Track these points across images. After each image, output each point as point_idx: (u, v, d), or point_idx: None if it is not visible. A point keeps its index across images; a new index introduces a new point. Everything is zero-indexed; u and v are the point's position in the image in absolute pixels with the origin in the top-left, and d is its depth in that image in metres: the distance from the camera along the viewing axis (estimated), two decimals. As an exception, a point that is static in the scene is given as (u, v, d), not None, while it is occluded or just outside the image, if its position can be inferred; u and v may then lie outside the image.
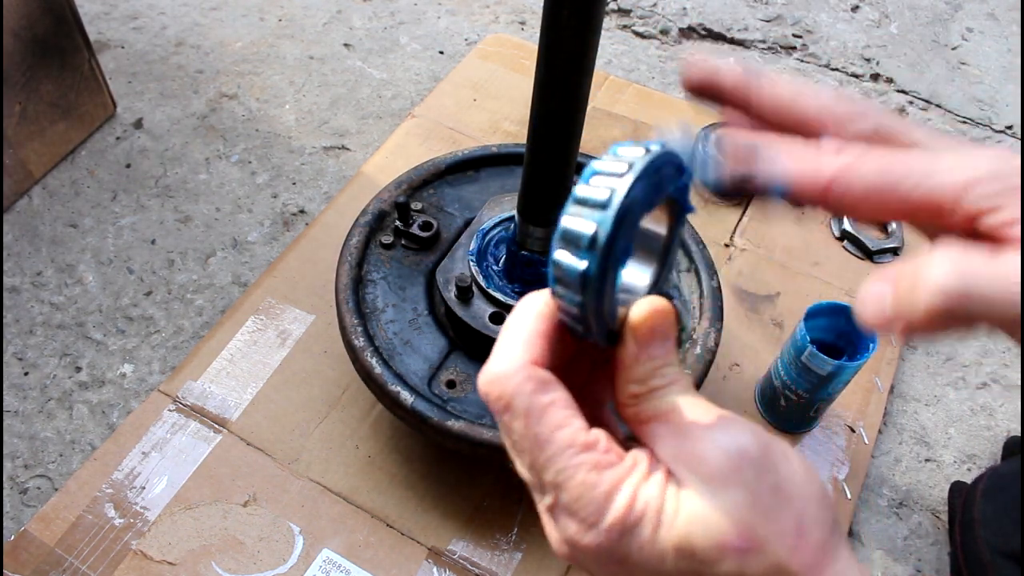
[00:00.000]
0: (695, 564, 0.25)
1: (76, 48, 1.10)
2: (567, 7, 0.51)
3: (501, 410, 0.28)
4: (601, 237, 0.25)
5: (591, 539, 0.26)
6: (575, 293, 0.26)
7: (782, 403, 0.84)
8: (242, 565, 0.74)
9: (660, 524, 0.25)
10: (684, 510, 0.25)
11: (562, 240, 0.26)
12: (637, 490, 0.26)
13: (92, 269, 1.04)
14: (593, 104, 1.17)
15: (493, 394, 0.28)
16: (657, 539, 0.25)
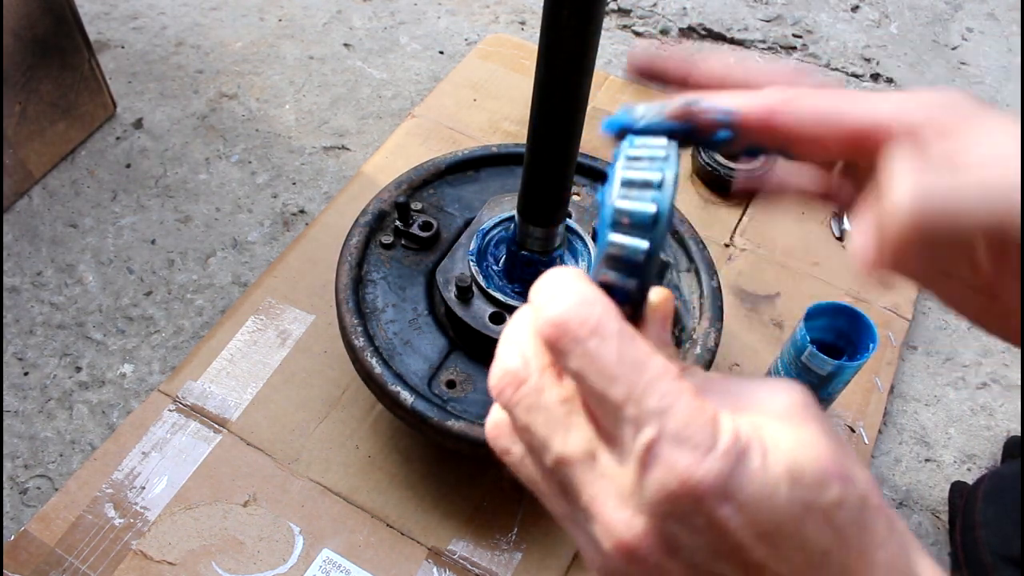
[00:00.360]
0: (806, 492, 0.24)
1: (76, 48, 1.10)
2: (567, 7, 0.51)
3: (588, 335, 0.25)
4: (663, 216, 0.26)
5: (707, 468, 0.23)
6: (632, 273, 0.27)
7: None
8: (242, 565, 0.74)
9: (767, 450, 0.24)
10: (782, 438, 0.24)
11: (618, 223, 0.27)
12: (736, 421, 0.25)
13: (92, 269, 1.04)
14: (593, 104, 1.17)
15: (577, 318, 0.25)
16: (767, 465, 0.24)
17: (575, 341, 0.25)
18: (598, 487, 0.25)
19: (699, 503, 0.23)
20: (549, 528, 0.77)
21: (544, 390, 0.26)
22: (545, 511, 0.81)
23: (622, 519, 0.25)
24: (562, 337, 0.25)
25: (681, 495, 0.23)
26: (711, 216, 1.06)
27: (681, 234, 0.84)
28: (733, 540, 0.24)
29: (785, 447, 0.24)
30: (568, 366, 0.25)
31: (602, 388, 0.25)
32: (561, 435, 0.26)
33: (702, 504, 0.23)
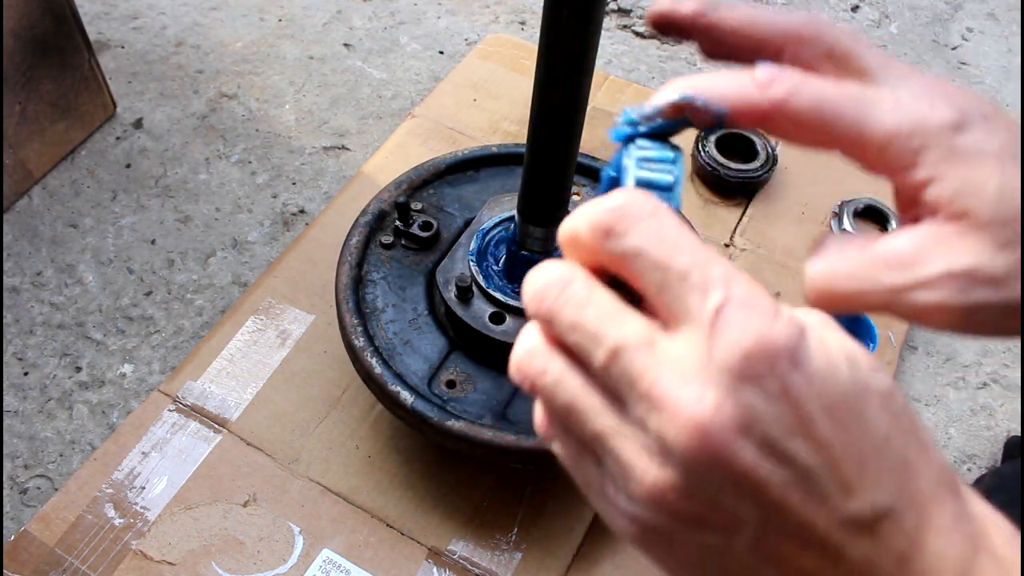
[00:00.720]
0: (862, 374, 0.24)
1: (76, 48, 1.10)
2: (567, 7, 0.51)
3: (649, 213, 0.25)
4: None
5: (779, 330, 0.23)
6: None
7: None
8: (242, 565, 0.74)
9: (822, 334, 0.24)
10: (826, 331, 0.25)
11: None
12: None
13: (92, 269, 1.04)
14: (593, 104, 1.17)
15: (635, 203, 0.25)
16: (826, 344, 0.24)
17: (636, 218, 0.25)
18: (660, 369, 0.24)
19: (773, 365, 0.23)
20: (549, 528, 0.77)
21: (594, 287, 0.26)
22: (545, 510, 0.80)
23: (691, 395, 0.23)
24: (622, 218, 0.25)
25: (756, 354, 0.23)
26: (711, 216, 1.06)
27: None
28: (804, 412, 0.23)
29: (834, 336, 0.25)
30: (628, 245, 0.25)
31: (666, 257, 0.24)
32: (616, 323, 0.25)
33: (775, 367, 0.23)
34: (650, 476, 0.24)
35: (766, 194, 1.09)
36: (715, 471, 0.23)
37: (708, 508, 0.24)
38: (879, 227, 1.07)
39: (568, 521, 0.77)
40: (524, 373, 0.27)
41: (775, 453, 0.23)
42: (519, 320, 0.71)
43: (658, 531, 0.25)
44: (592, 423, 0.26)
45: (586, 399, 0.26)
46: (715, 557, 0.25)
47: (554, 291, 0.26)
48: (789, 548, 0.24)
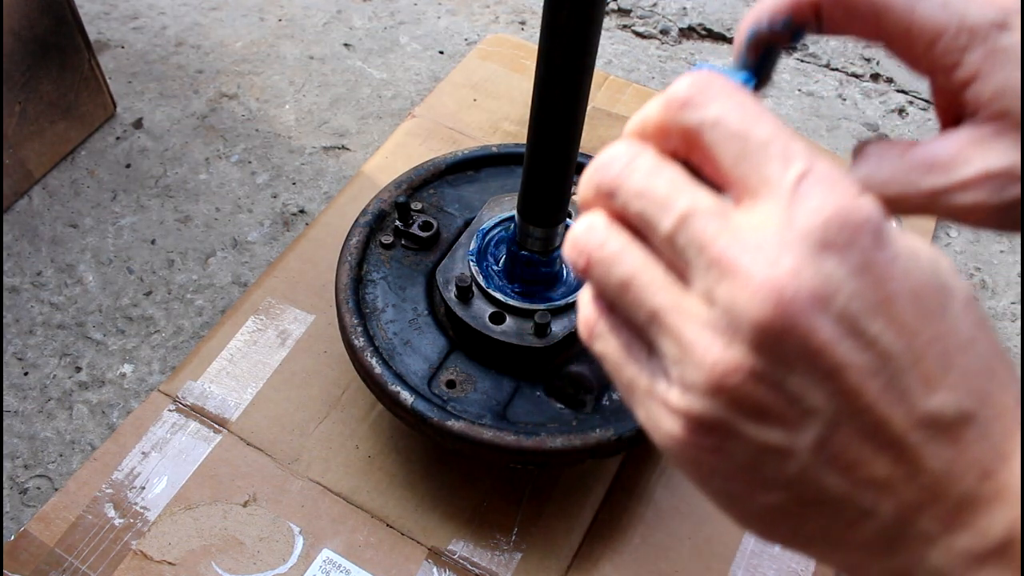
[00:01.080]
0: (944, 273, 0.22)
1: (76, 48, 1.10)
2: (567, 7, 0.51)
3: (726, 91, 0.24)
4: None
5: (864, 203, 0.21)
6: None
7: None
8: (242, 565, 0.74)
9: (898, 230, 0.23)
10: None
11: None
12: None
13: (92, 269, 1.04)
14: (593, 104, 1.17)
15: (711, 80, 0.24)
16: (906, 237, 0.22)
17: (716, 92, 0.24)
18: (733, 236, 0.22)
19: (856, 237, 0.21)
20: (549, 528, 0.77)
21: (664, 160, 0.24)
22: (545, 510, 0.80)
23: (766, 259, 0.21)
24: (700, 91, 0.24)
25: (839, 223, 0.21)
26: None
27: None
28: (888, 291, 0.21)
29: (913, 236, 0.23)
30: (706, 114, 0.23)
31: (747, 126, 0.23)
32: (688, 191, 0.23)
33: (858, 239, 0.21)
34: (712, 354, 0.22)
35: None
36: (788, 346, 0.21)
37: (774, 394, 0.22)
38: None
39: (568, 521, 0.77)
40: (580, 248, 0.25)
41: (855, 332, 0.21)
42: (519, 320, 0.71)
43: (712, 429, 0.23)
44: (651, 299, 0.24)
45: (646, 272, 0.24)
46: (773, 463, 0.23)
47: (621, 161, 0.25)
48: (861, 450, 0.22)
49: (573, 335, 0.71)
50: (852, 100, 1.37)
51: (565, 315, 0.71)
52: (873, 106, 1.36)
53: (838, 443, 0.22)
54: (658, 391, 0.24)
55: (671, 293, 0.23)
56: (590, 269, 0.25)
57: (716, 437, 0.23)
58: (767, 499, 0.24)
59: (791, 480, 0.23)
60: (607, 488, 0.79)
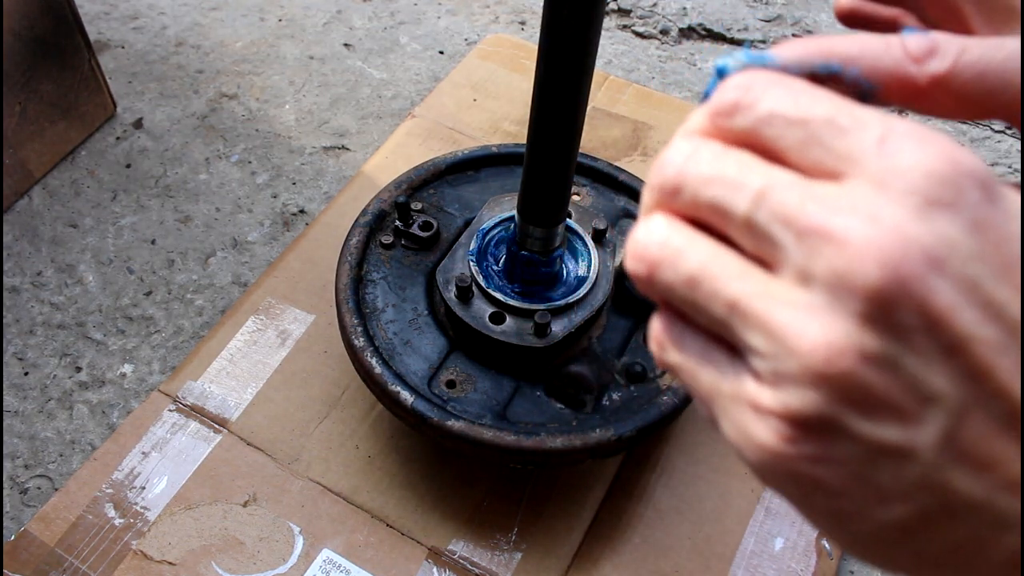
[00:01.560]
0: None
1: (76, 48, 1.10)
2: (567, 7, 0.51)
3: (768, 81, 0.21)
4: None
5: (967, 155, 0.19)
6: None
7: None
8: (242, 565, 0.74)
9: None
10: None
11: None
12: None
13: (92, 269, 1.04)
14: (593, 104, 1.17)
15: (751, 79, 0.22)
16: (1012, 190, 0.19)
17: (763, 87, 0.21)
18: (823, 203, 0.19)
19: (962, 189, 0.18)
20: (549, 528, 0.77)
21: (728, 148, 0.22)
22: (545, 510, 0.80)
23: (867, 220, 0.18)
24: (747, 91, 0.21)
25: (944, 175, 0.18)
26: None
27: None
28: (1011, 252, 0.18)
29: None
30: (759, 112, 0.21)
31: (806, 110, 0.20)
32: (762, 168, 0.21)
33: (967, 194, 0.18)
34: (811, 337, 0.19)
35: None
36: (903, 316, 0.18)
37: (889, 378, 0.18)
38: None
39: (568, 521, 0.77)
40: (640, 253, 0.22)
41: (979, 299, 0.18)
42: (519, 320, 0.71)
43: (815, 431, 0.19)
44: (728, 288, 0.20)
45: (719, 260, 0.21)
46: (891, 468, 0.19)
47: (682, 154, 0.22)
48: (997, 444, 0.18)
49: (573, 335, 0.71)
50: (852, 100, 1.37)
51: (565, 315, 0.71)
52: (873, 106, 1.36)
53: (969, 437, 0.18)
54: (745, 393, 0.21)
55: (753, 279, 0.20)
56: (654, 274, 0.22)
57: (820, 440, 0.19)
58: (884, 515, 0.20)
59: (914, 487, 0.19)
60: (607, 488, 0.79)
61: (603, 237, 0.77)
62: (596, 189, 0.88)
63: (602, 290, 0.73)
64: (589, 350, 0.74)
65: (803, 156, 0.20)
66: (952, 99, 0.23)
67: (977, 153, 1.29)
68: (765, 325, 0.19)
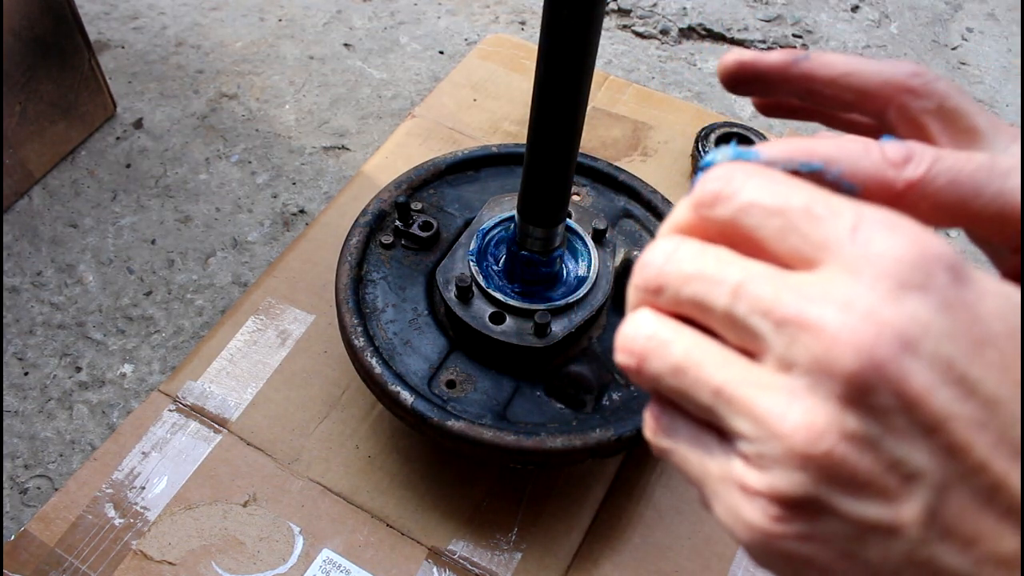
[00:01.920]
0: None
1: (76, 48, 1.10)
2: (567, 7, 0.51)
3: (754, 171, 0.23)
4: None
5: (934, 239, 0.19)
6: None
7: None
8: (242, 565, 0.74)
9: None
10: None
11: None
12: None
13: (92, 269, 1.04)
14: (593, 104, 1.17)
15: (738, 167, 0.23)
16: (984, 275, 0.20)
17: (743, 179, 0.23)
18: (799, 293, 0.20)
19: (933, 274, 0.19)
20: (549, 528, 0.77)
21: (707, 244, 0.23)
22: (545, 510, 0.80)
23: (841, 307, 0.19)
24: (727, 182, 0.23)
25: (913, 260, 0.19)
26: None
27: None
28: (983, 329, 0.19)
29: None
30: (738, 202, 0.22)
31: (783, 200, 0.21)
32: (739, 263, 0.22)
33: (936, 276, 0.19)
34: (793, 419, 0.19)
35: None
36: (881, 398, 0.19)
37: (871, 458, 0.19)
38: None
39: (568, 521, 0.77)
40: (628, 346, 0.24)
41: (953, 377, 0.19)
42: (519, 320, 0.71)
43: (802, 510, 0.20)
44: (713, 375, 0.22)
45: (703, 349, 0.22)
46: (878, 545, 0.20)
47: (663, 254, 0.23)
48: (979, 519, 0.19)
49: (573, 335, 0.71)
50: (852, 100, 1.37)
51: (565, 315, 0.71)
52: (873, 106, 1.36)
53: (951, 512, 0.19)
54: (734, 476, 0.21)
55: (736, 367, 0.21)
56: (643, 365, 0.23)
57: (807, 520, 0.20)
58: None
59: (902, 563, 0.19)
60: (607, 488, 0.79)
61: (603, 237, 0.77)
62: (596, 189, 0.88)
63: (602, 290, 0.73)
64: (589, 350, 0.74)
65: (781, 244, 0.21)
66: (927, 204, 0.24)
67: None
68: (749, 410, 0.20)
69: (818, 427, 0.19)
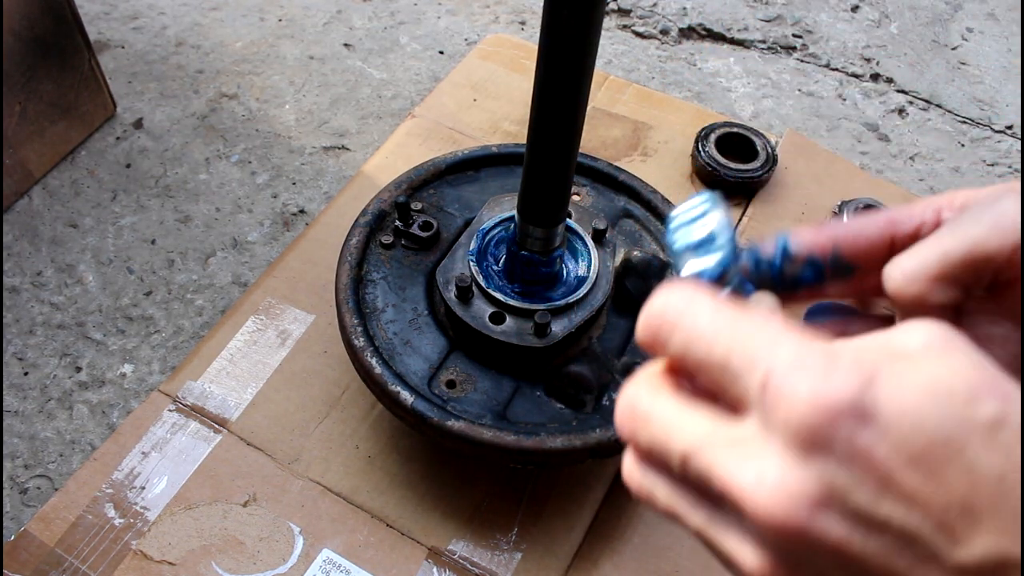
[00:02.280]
0: (957, 408, 0.21)
1: (76, 48, 1.10)
2: (567, 7, 0.51)
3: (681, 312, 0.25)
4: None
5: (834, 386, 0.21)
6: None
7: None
8: (242, 565, 0.74)
9: (903, 369, 0.22)
10: (919, 369, 0.22)
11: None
12: (863, 341, 0.23)
13: (92, 269, 1.04)
14: (593, 104, 1.17)
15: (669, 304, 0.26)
16: (905, 382, 0.21)
17: (672, 321, 0.26)
18: (729, 458, 0.23)
19: (835, 426, 0.21)
20: (549, 528, 0.77)
21: (655, 404, 0.27)
22: (545, 510, 0.80)
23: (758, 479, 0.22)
24: (661, 325, 0.26)
25: (814, 420, 0.21)
26: (711, 216, 1.05)
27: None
28: (884, 469, 0.21)
29: (925, 368, 0.22)
30: (672, 351, 0.26)
31: (706, 352, 0.25)
32: (677, 430, 0.25)
33: (838, 427, 0.21)
34: (749, 563, 0.24)
35: (766, 194, 1.09)
36: (807, 552, 0.22)
37: None
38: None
39: (568, 521, 0.77)
40: (632, 490, 0.29)
41: (865, 521, 0.21)
42: (519, 320, 0.71)
43: None
44: (689, 522, 0.27)
45: (678, 503, 0.27)
46: None
47: (628, 414, 0.28)
48: None
49: (573, 335, 0.71)
50: (852, 100, 1.37)
51: (565, 315, 0.71)
52: (873, 106, 1.36)
53: None
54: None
55: (701, 515, 0.26)
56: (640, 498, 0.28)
57: None
58: None
59: None
60: (607, 488, 0.79)
61: (603, 237, 0.77)
62: (596, 189, 0.88)
63: (602, 290, 0.73)
64: (589, 350, 0.74)
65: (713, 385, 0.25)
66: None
67: (976, 153, 1.29)
68: (719, 550, 0.26)
69: (767, 572, 0.23)
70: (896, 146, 1.28)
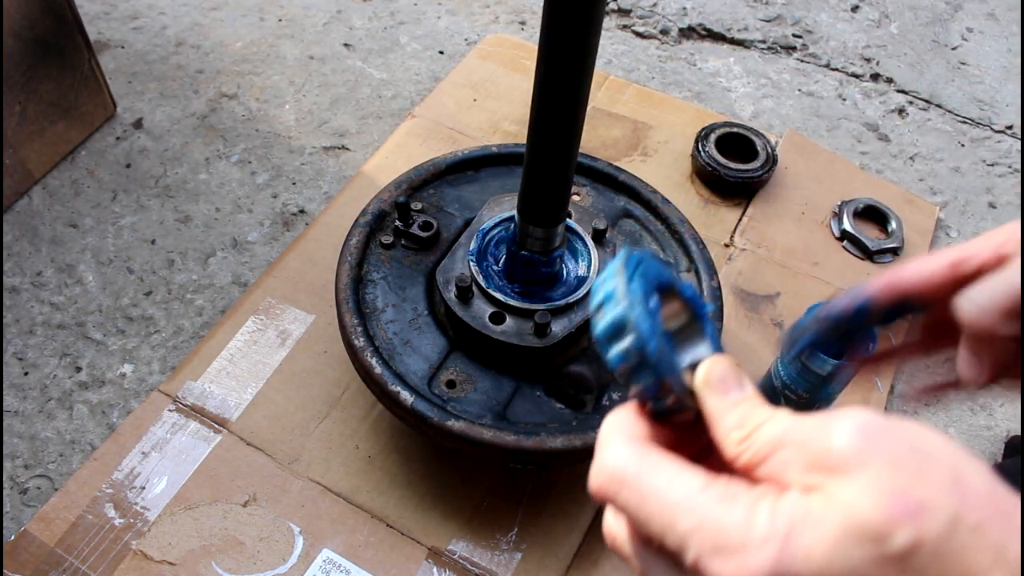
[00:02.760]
0: (872, 547, 0.23)
1: (76, 48, 1.10)
2: (567, 7, 0.51)
3: (616, 490, 0.29)
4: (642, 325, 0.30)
5: (755, 563, 0.24)
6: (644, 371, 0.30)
7: (781, 403, 0.84)
8: (242, 565, 0.74)
9: (817, 518, 0.24)
10: (834, 503, 0.24)
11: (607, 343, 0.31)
12: (776, 503, 0.25)
13: (92, 269, 1.04)
14: (593, 104, 1.17)
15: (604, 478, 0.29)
16: (821, 535, 0.23)
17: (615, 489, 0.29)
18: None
19: None
20: (549, 528, 0.77)
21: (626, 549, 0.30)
22: (545, 510, 0.81)
23: None
24: (607, 485, 0.29)
25: None
26: (711, 216, 1.06)
27: (681, 234, 0.84)
28: None
29: (837, 509, 0.24)
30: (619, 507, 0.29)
31: (645, 522, 0.27)
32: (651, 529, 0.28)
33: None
34: None
35: (766, 194, 1.09)
36: None
37: None
38: (879, 227, 1.07)
39: (568, 521, 0.77)
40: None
41: None
42: (519, 320, 0.71)
43: None
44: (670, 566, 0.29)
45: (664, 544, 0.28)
46: None
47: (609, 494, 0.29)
48: None
49: (573, 335, 0.71)
50: (852, 100, 1.37)
51: (565, 315, 0.71)
52: (873, 106, 1.36)
53: None
54: None
55: None
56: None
57: None
58: None
59: None
60: (607, 488, 0.79)
61: (603, 237, 0.77)
62: (596, 189, 0.88)
63: (602, 290, 0.73)
64: (589, 350, 0.74)
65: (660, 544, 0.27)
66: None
67: (976, 153, 1.29)
68: None
69: None
70: (896, 146, 1.29)
